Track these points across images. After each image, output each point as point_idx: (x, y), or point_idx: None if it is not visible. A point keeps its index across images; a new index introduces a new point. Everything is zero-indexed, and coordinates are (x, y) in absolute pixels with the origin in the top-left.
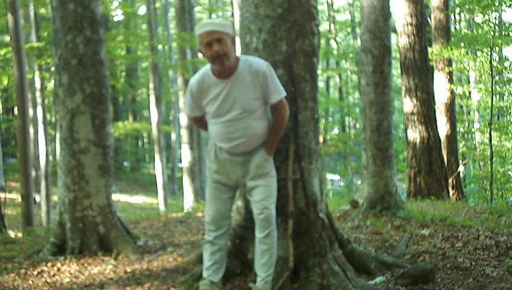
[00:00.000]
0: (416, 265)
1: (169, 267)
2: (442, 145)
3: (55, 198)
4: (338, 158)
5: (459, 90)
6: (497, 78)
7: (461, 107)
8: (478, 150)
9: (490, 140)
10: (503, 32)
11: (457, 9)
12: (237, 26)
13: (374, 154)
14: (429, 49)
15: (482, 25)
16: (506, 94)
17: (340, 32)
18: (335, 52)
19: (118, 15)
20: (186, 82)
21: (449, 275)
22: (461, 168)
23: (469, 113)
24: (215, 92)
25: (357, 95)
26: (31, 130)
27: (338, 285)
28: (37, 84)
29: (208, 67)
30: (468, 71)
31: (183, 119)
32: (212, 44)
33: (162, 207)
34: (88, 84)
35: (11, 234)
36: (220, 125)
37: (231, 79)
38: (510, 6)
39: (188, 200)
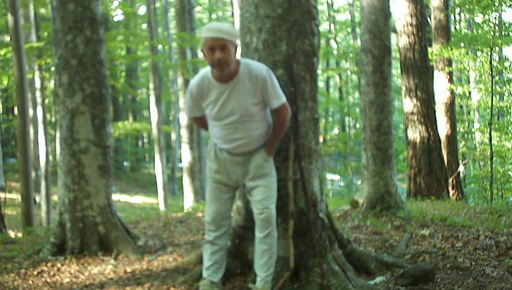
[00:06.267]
0: (416, 265)
1: (169, 267)
2: (442, 145)
3: (55, 198)
4: (338, 158)
5: (459, 90)
6: (497, 78)
7: (461, 107)
8: (478, 150)
9: (490, 140)
10: (503, 32)
11: (457, 9)
12: (237, 26)
13: (374, 154)
14: (429, 49)
15: (482, 25)
16: (506, 94)
17: (340, 32)
18: (335, 52)
19: (118, 15)
20: (186, 82)
21: (449, 275)
22: (461, 168)
23: (469, 113)
24: (214, 96)
25: (357, 95)
26: (31, 130)
27: (338, 285)
28: (37, 84)
29: (208, 69)
30: (468, 71)
31: (183, 119)
32: (215, 50)
33: (162, 207)
34: (88, 84)
35: (11, 234)
36: (220, 127)
37: (231, 84)
38: (510, 6)
39: (188, 200)
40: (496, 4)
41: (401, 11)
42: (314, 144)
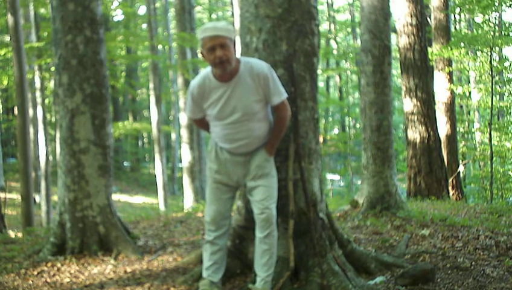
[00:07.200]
0: (416, 265)
1: (169, 267)
2: (442, 145)
3: (55, 198)
4: (338, 158)
5: (459, 90)
6: (497, 78)
7: (461, 107)
8: (478, 150)
9: (490, 140)
10: (503, 32)
11: (457, 9)
12: (237, 26)
13: (374, 154)
14: (429, 49)
15: (482, 25)
16: (506, 94)
17: (340, 32)
18: (335, 52)
19: (118, 15)
20: (186, 82)
21: (449, 275)
22: (461, 168)
23: (469, 113)
24: (216, 96)
25: (357, 95)
26: (31, 130)
27: (338, 285)
28: (37, 84)
29: (209, 70)
30: (468, 71)
31: (183, 119)
32: (215, 49)
33: (162, 207)
34: (88, 84)
35: (11, 234)
36: (221, 127)
37: (232, 82)
38: (510, 6)
39: (188, 200)
40: (496, 4)
41: (401, 11)
42: (314, 144)
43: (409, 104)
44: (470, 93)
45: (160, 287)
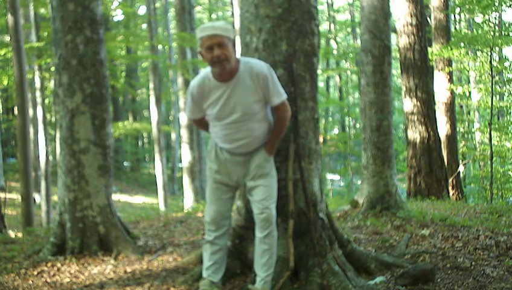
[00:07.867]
0: (416, 265)
1: (169, 267)
2: (442, 145)
3: (55, 198)
4: (338, 158)
5: (459, 90)
6: (497, 78)
7: (461, 107)
8: (478, 150)
9: (490, 140)
10: (503, 32)
11: (457, 9)
12: (237, 26)
13: (374, 154)
14: (429, 49)
15: (482, 25)
16: (506, 94)
17: (340, 32)
18: (335, 52)
19: (118, 15)
20: (186, 82)
21: (449, 275)
22: (461, 168)
23: (469, 113)
24: (216, 96)
25: (357, 95)
26: (31, 130)
27: (338, 285)
28: (37, 84)
29: (208, 70)
30: (468, 71)
31: (183, 119)
32: (213, 48)
33: (162, 207)
34: (88, 84)
35: (11, 234)
36: (221, 127)
37: (232, 82)
38: (510, 6)
39: (188, 200)
40: (496, 4)
41: (401, 11)
42: (314, 144)
43: (409, 104)
44: (470, 93)
45: (160, 287)
